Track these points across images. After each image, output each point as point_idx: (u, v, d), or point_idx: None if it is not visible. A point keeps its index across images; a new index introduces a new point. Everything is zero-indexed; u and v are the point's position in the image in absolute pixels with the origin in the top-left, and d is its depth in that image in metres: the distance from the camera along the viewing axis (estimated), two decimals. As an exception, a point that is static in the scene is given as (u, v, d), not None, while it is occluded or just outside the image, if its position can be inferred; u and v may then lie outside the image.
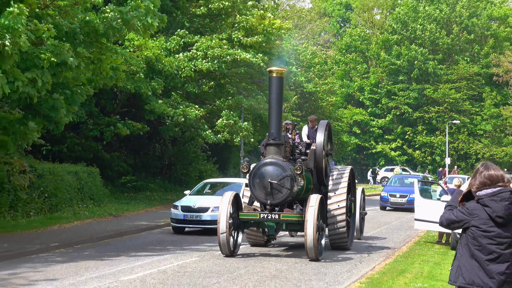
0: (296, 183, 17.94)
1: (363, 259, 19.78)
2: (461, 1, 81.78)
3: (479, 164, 7.15)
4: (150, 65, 34.50)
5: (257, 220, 18.35)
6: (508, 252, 6.91)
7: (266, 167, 18.09)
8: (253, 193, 18.51)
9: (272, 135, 18.53)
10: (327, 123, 21.16)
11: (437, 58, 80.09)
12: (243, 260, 18.71)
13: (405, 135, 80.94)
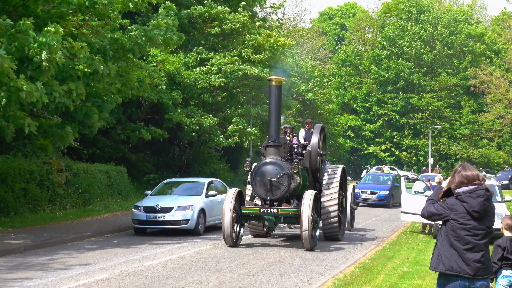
0: (293, 181, 17.78)
1: (356, 247, 19.80)
2: (442, 21, 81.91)
3: (458, 164, 7.18)
4: (171, 77, 34.64)
5: (258, 214, 18.14)
6: (483, 242, 6.99)
7: (266, 166, 17.95)
8: (254, 189, 18.37)
9: (272, 138, 18.36)
10: (321, 127, 20.88)
11: (421, 71, 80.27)
12: (250, 248, 18.70)
13: (393, 139, 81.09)
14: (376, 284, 13.27)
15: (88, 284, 13.00)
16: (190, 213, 21.20)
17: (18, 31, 16.88)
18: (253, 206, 18.49)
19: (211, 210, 22.73)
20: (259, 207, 18.10)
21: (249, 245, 19.38)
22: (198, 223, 21.48)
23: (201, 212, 21.83)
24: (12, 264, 15.32)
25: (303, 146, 20.15)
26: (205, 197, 22.57)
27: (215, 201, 22.93)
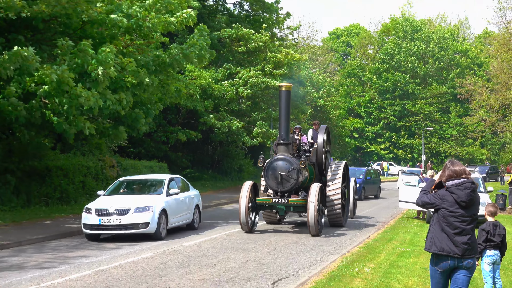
0: (301, 174, 17.39)
1: (360, 231, 19.72)
2: (433, 39, 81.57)
3: (447, 161, 7.27)
4: (204, 89, 34.77)
5: (270, 204, 17.79)
6: (469, 227, 7.02)
7: (277, 162, 17.47)
8: (267, 182, 17.92)
9: (282, 137, 18.01)
10: (326, 127, 20.50)
11: (415, 81, 79.78)
12: (269, 233, 18.71)
13: (392, 139, 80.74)
14: (378, 262, 13.20)
15: (135, 261, 13.05)
16: (150, 215, 16.35)
17: (79, 50, 16.99)
18: (266, 197, 18.10)
19: (173, 210, 17.86)
20: (271, 198, 17.75)
21: (265, 231, 19.34)
22: (159, 226, 16.65)
23: (162, 213, 16.92)
24: (72, 244, 15.42)
25: (311, 144, 19.78)
26: (166, 196, 17.71)
27: (177, 199, 18.22)
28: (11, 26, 18.74)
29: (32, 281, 10.84)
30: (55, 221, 19.33)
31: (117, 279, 11.08)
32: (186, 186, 20.33)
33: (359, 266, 12.58)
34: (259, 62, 39.28)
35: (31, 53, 16.02)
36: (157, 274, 11.65)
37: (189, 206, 19.23)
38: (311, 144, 19.78)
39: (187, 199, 19.10)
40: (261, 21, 41.80)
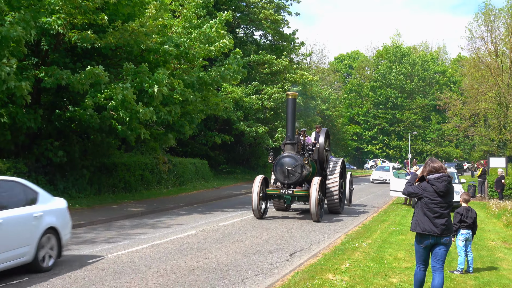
0: (305, 169, 16.82)
1: (359, 214, 19.61)
2: (417, 62, 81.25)
3: (428, 159, 7.40)
4: (236, 102, 34.93)
5: (278, 194, 17.03)
6: (446, 212, 7.07)
7: (284, 158, 16.87)
8: (275, 175, 17.31)
9: (288, 138, 17.37)
10: (327, 130, 19.93)
11: (403, 96, 79.46)
12: (287, 218, 18.69)
13: (384, 141, 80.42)
14: (374, 238, 13.12)
15: (182, 237, 13.08)
16: None
17: (138, 72, 17.11)
18: (275, 188, 17.41)
19: None
20: (279, 189, 17.04)
21: (277, 216, 19.26)
22: None
23: None
24: (133, 224, 15.50)
25: (313, 144, 19.10)
26: None
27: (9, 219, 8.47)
28: (86, 54, 18.95)
29: (102, 252, 10.93)
30: (119, 205, 19.49)
31: (168, 251, 11.12)
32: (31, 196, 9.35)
33: (359, 242, 12.52)
34: (279, 81, 39.41)
35: (101, 71, 16.24)
36: (199, 247, 11.68)
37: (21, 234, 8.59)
38: (314, 144, 19.18)
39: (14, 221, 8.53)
40: (281, 48, 41.90)
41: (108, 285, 8.21)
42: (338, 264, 9.78)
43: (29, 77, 15.93)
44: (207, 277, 8.84)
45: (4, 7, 15.30)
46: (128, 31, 17.40)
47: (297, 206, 21.22)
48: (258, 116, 37.91)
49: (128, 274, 9.00)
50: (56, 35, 17.32)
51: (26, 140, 18.39)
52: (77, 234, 13.32)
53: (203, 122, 33.37)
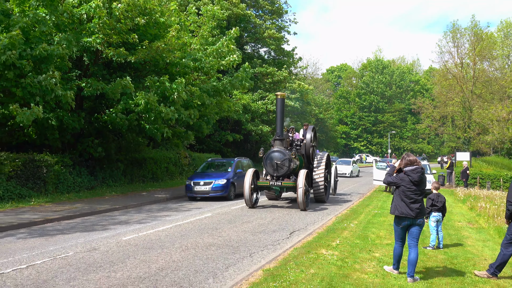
0: (292, 163, 15.58)
1: (347, 200, 19.50)
2: (396, 73, 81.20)
3: (404, 153, 7.33)
4: (245, 107, 34.92)
5: (268, 185, 15.81)
6: (420, 198, 7.07)
7: (273, 153, 15.52)
8: (265, 169, 15.91)
9: (277, 134, 15.95)
10: (313, 127, 18.44)
11: (384, 101, 79.38)
12: (274, 205, 18.34)
13: (368, 139, 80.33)
14: (360, 220, 13.06)
15: (200, 219, 13.08)
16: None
17: (161, 82, 17.12)
18: (265, 180, 16.11)
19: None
20: (269, 181, 15.81)
21: (268, 206, 19.15)
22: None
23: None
24: (160, 208, 15.52)
25: (301, 140, 17.82)
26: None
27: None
28: (120, 67, 18.98)
29: (134, 231, 10.95)
30: (148, 192, 19.53)
31: (189, 230, 11.13)
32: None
33: (347, 222, 12.47)
34: (281, 89, 39.47)
35: (128, 82, 16.37)
36: (214, 227, 11.68)
37: None
38: (302, 140, 17.95)
39: None
40: (282, 62, 41.91)
41: (139, 258, 8.23)
42: (330, 241, 9.76)
43: (72, 87, 16.00)
44: (221, 252, 8.84)
45: (52, 29, 15.40)
46: (154, 48, 17.44)
47: (287, 196, 20.72)
48: (263, 118, 38.06)
49: (156, 249, 9.02)
50: (96, 52, 17.41)
51: (71, 139, 18.47)
52: (113, 216, 13.36)
53: (217, 123, 33.48)
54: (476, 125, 44.66)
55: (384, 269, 7.54)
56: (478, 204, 16.37)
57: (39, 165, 16.20)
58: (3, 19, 14.82)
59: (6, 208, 13.66)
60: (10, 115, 14.94)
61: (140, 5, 17.03)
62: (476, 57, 48.12)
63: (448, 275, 7.41)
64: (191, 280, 6.96)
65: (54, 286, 6.57)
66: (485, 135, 41.74)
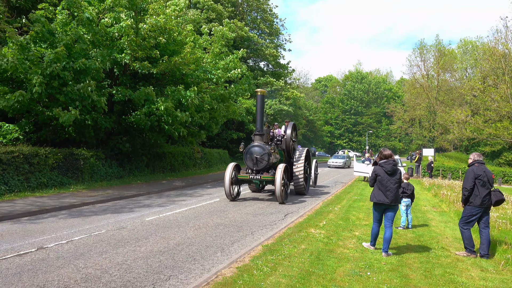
0: (272, 157, 13.83)
1: (332, 188, 19.42)
2: (372, 82, 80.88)
3: (381, 148, 7.21)
4: (247, 110, 34.82)
5: (248, 179, 13.83)
6: (395, 187, 6.93)
7: (253, 148, 13.70)
8: (245, 163, 13.91)
9: (257, 129, 14.06)
10: (293, 124, 16.35)
11: (362, 105, 79.01)
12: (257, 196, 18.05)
13: (349, 137, 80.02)
14: (342, 204, 13.02)
15: (210, 203, 13.05)
16: None
17: (177, 90, 17.07)
18: (245, 174, 14.05)
19: None
20: (248, 175, 13.87)
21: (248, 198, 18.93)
22: None
23: None
24: (177, 194, 15.48)
25: (282, 135, 16.00)
26: None
27: None
28: (144, 77, 18.91)
29: (155, 213, 10.92)
30: (167, 181, 19.50)
31: (201, 212, 11.11)
32: None
33: (332, 206, 12.44)
34: (277, 97, 39.38)
35: (150, 90, 16.30)
36: (222, 210, 11.66)
37: None
38: (283, 135, 16.12)
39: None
40: (279, 74, 41.79)
41: (160, 236, 8.21)
42: (317, 222, 9.73)
43: (105, 93, 16.00)
44: (228, 230, 8.82)
45: (89, 46, 15.40)
46: (173, 62, 17.38)
47: (271, 188, 18.75)
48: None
49: (173, 228, 9.00)
50: (124, 65, 17.35)
51: (104, 136, 18.44)
52: (138, 200, 13.35)
53: (225, 123, 33.40)
54: (439, 126, 44.56)
55: (362, 245, 7.51)
56: (441, 192, 16.33)
57: (77, 158, 16.18)
58: (49, 37, 14.82)
59: (50, 193, 13.66)
60: (54, 117, 14.94)
61: (161, 26, 16.98)
62: (439, 70, 48.03)
63: (416, 251, 7.39)
64: (202, 253, 6.94)
65: (89, 258, 6.56)
66: (447, 134, 41.67)
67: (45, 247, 7.20)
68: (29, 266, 6.06)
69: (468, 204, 7.14)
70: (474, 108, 39.70)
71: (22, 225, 9.03)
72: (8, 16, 17.79)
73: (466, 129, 34.86)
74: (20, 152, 13.61)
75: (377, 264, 6.43)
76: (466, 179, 7.14)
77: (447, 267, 6.47)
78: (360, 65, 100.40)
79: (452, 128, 36.32)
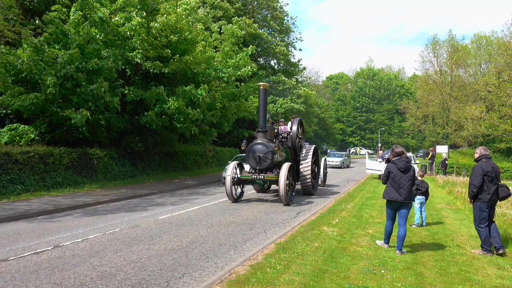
0: (275, 156, 12.68)
1: (344, 186, 19.31)
2: (384, 79, 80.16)
3: (393, 146, 7.15)
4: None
5: (251, 179, 12.79)
6: (408, 184, 6.86)
7: (256, 145, 12.67)
8: (248, 162, 12.84)
9: (260, 126, 13.02)
10: (299, 120, 15.27)
11: (374, 102, 78.39)
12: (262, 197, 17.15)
13: (361, 134, 79.47)
14: (355, 202, 12.94)
15: (222, 201, 13.06)
16: None
17: (187, 90, 17.14)
18: (247, 173, 13.11)
19: None
20: (251, 174, 12.87)
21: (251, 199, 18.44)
22: None
23: None
24: (189, 192, 15.56)
25: (288, 132, 14.81)
26: None
27: None
28: (156, 77, 19.03)
29: (168, 212, 11.00)
30: (180, 180, 19.61)
31: (213, 211, 11.15)
32: None
33: (345, 204, 12.37)
34: (288, 95, 39.30)
35: (161, 90, 16.41)
36: (234, 208, 11.68)
37: None
38: (289, 132, 14.93)
39: None
40: (290, 72, 41.69)
41: (173, 234, 8.27)
42: (330, 220, 9.69)
43: (117, 94, 16.14)
44: (240, 229, 8.84)
45: (101, 46, 15.56)
46: (184, 61, 17.45)
47: (276, 188, 17.71)
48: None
49: (186, 226, 9.05)
50: (136, 64, 17.50)
51: (117, 136, 18.62)
52: (152, 199, 13.45)
53: (236, 122, 33.40)
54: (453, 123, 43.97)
55: (376, 243, 7.46)
56: (455, 189, 16.12)
57: (91, 158, 16.39)
58: (62, 38, 15.02)
59: (65, 192, 13.86)
60: (68, 117, 15.14)
61: (173, 25, 17.06)
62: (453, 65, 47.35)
63: (431, 249, 7.31)
64: (216, 251, 6.97)
65: (104, 256, 6.64)
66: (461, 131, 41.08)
67: (61, 245, 7.31)
68: (46, 264, 6.16)
69: (477, 201, 7.05)
70: (488, 104, 39.05)
71: (38, 224, 9.19)
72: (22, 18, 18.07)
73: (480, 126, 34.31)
74: (35, 152, 13.83)
75: (391, 262, 6.38)
76: (474, 175, 7.02)
77: (462, 265, 6.39)
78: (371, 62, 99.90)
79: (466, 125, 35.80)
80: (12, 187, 12.86)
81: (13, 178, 12.99)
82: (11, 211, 10.26)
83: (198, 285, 5.36)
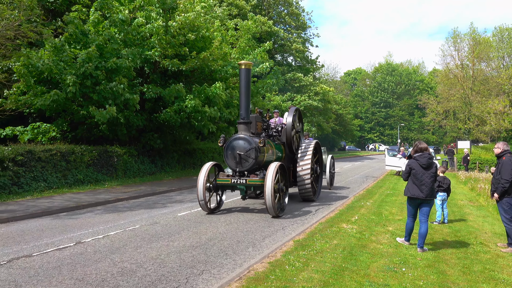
0: (260, 154, 9.86)
1: (363, 182, 19.05)
2: (404, 74, 79.10)
3: (415, 141, 7.00)
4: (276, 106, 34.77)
5: (230, 184, 9.92)
6: (430, 181, 6.71)
7: (236, 141, 9.85)
8: (226, 162, 10.02)
9: (241, 116, 10.11)
10: (296, 109, 12.44)
11: (393, 97, 77.49)
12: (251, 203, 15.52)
13: (380, 131, 78.56)
14: (374, 199, 12.77)
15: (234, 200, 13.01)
16: None
17: (203, 88, 17.19)
18: (225, 177, 10.09)
19: None
20: (230, 178, 9.95)
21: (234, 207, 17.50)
22: None
23: None
24: (208, 189, 15.60)
25: (284, 125, 12.14)
26: None
27: None
28: (174, 74, 19.17)
29: (187, 209, 11.06)
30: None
31: (231, 207, 11.13)
32: None
33: (364, 201, 12.22)
34: (306, 92, 39.06)
35: (180, 87, 16.50)
36: (252, 205, 11.65)
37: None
38: (284, 125, 12.17)
39: None
40: (307, 69, 41.45)
41: (192, 231, 8.31)
42: (349, 217, 9.58)
43: (136, 92, 16.33)
44: (259, 225, 8.82)
45: (121, 45, 15.75)
46: (201, 58, 17.51)
47: None
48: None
49: (205, 223, 9.08)
50: (154, 63, 17.66)
51: (136, 134, 18.86)
52: (170, 196, 13.56)
53: (253, 119, 33.45)
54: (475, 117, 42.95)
55: (396, 240, 7.33)
56: (478, 185, 15.75)
57: (111, 155, 16.64)
58: (82, 38, 15.26)
59: (86, 190, 14.10)
60: (89, 115, 15.38)
61: (190, 23, 17.13)
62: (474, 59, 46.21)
63: (453, 246, 7.14)
64: (234, 248, 6.97)
65: (124, 252, 6.72)
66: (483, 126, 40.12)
67: (83, 241, 7.44)
68: (68, 260, 6.27)
69: (507, 196, 6.85)
70: (512, 98, 38.01)
71: (60, 221, 9.38)
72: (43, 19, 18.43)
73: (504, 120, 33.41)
74: (57, 150, 14.13)
75: (412, 260, 6.26)
76: (505, 170, 6.82)
77: (486, 263, 6.22)
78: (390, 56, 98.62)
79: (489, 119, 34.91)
80: (36, 184, 13.17)
81: (36, 176, 13.30)
82: (35, 208, 10.51)
83: (217, 282, 5.36)
